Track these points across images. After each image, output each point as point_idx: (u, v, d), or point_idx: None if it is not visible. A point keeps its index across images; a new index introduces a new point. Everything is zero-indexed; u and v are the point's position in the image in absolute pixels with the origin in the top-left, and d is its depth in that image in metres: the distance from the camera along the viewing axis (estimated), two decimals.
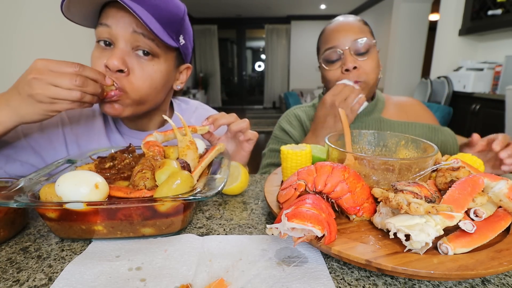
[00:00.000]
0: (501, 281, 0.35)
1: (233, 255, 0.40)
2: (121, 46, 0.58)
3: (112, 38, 0.58)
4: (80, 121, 0.72)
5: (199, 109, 0.89)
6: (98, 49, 0.60)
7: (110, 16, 0.57)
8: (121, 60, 0.57)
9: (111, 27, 0.57)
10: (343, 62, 0.82)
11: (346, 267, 0.38)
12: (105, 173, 0.49)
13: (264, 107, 8.67)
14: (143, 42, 0.58)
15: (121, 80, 0.59)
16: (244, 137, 0.66)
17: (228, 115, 0.65)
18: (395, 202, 0.37)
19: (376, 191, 0.41)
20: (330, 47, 0.83)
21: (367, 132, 0.62)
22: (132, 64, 0.59)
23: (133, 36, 0.58)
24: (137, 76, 0.60)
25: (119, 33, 0.58)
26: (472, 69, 2.80)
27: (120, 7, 0.57)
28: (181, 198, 0.39)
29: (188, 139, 0.55)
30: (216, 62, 8.16)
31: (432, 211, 0.35)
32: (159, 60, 0.62)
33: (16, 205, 0.39)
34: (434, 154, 0.47)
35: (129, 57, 0.59)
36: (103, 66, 0.58)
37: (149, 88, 0.62)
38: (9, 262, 0.39)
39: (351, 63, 0.80)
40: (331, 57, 0.83)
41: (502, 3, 2.51)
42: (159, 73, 0.63)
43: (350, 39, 0.81)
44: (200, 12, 7.00)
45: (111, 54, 0.58)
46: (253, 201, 0.58)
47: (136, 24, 0.57)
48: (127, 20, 0.57)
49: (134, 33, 0.58)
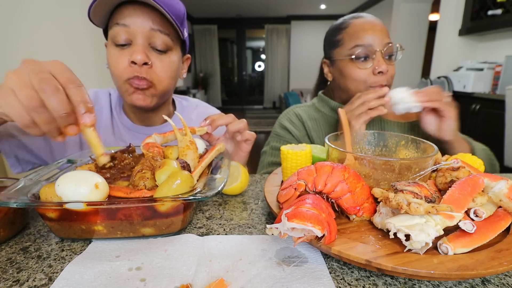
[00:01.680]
0: (501, 281, 0.35)
1: (233, 255, 0.40)
2: (140, 42, 0.63)
3: (131, 36, 0.63)
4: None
5: (199, 106, 0.91)
6: (116, 48, 0.64)
7: (126, 15, 0.61)
8: (144, 54, 0.62)
9: (129, 26, 0.61)
10: (376, 63, 0.80)
11: (346, 267, 0.38)
12: (105, 173, 0.49)
13: (264, 107, 8.67)
14: (159, 37, 0.64)
15: (148, 73, 0.64)
16: (242, 137, 0.66)
17: (226, 116, 0.66)
18: (395, 202, 0.37)
19: (376, 191, 0.41)
20: (363, 45, 0.80)
21: (367, 132, 0.62)
22: (152, 58, 0.64)
23: (151, 32, 0.63)
24: (159, 68, 0.66)
25: (137, 31, 0.62)
26: (472, 69, 2.80)
27: (135, 6, 0.61)
28: (181, 198, 0.39)
29: (188, 139, 0.55)
30: (216, 62, 8.15)
31: (432, 211, 0.35)
32: (172, 53, 0.68)
33: (16, 205, 0.39)
34: (434, 154, 0.47)
35: (148, 51, 0.64)
36: (127, 63, 0.63)
37: (169, 78, 0.69)
38: (9, 262, 0.39)
39: (384, 66, 0.79)
40: (362, 54, 0.80)
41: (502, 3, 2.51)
42: (174, 64, 0.69)
43: (383, 41, 0.80)
44: (200, 12, 7.00)
45: (134, 50, 0.62)
46: (253, 201, 0.58)
47: (153, 21, 0.62)
48: (145, 18, 0.61)
49: (151, 30, 0.63)
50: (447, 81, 2.91)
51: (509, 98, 2.09)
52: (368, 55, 0.80)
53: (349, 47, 0.82)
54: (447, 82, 2.90)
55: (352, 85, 0.84)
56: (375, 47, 0.79)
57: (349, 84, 0.85)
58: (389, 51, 0.81)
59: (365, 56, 0.80)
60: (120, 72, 0.64)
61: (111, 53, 0.65)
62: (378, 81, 0.81)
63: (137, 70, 0.63)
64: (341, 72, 0.86)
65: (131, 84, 0.65)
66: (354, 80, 0.83)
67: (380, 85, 0.80)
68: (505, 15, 2.49)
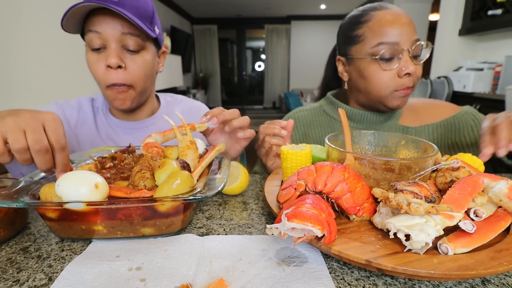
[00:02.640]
0: (501, 281, 0.35)
1: (233, 255, 0.40)
2: (113, 47, 0.67)
3: (104, 41, 0.66)
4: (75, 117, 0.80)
5: (184, 101, 0.94)
6: (93, 53, 0.68)
7: (97, 23, 0.65)
8: (118, 57, 0.66)
9: (101, 33, 0.65)
10: (402, 64, 0.69)
11: (346, 267, 0.38)
12: (105, 173, 0.49)
13: (264, 107, 8.66)
14: (130, 39, 0.67)
15: (124, 75, 0.68)
16: (244, 134, 0.66)
17: (232, 111, 0.66)
18: (395, 202, 0.37)
19: (376, 191, 0.41)
20: (388, 42, 0.68)
21: (367, 132, 0.62)
22: (126, 60, 0.69)
23: (122, 36, 0.67)
24: (133, 69, 0.69)
25: (109, 36, 0.66)
26: (472, 69, 2.80)
27: (105, 13, 0.65)
28: (181, 198, 0.39)
29: (188, 139, 0.55)
30: (216, 62, 8.15)
31: (432, 211, 0.35)
32: (144, 52, 0.71)
33: (16, 205, 0.39)
34: (434, 154, 0.47)
35: (122, 54, 0.68)
36: (104, 67, 0.67)
37: (145, 76, 0.72)
38: (9, 262, 0.39)
39: (413, 67, 0.68)
40: (387, 54, 0.69)
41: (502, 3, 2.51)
42: (148, 62, 0.72)
43: (411, 39, 0.68)
44: (200, 12, 7.00)
45: (108, 54, 0.66)
46: (253, 201, 0.58)
47: (122, 25, 0.66)
48: (115, 24, 0.65)
49: (122, 34, 0.66)
50: (447, 81, 2.91)
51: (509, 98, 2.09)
52: (394, 55, 0.69)
53: (371, 44, 0.71)
54: (447, 82, 2.90)
55: (374, 89, 0.74)
56: (402, 45, 0.68)
57: (370, 87, 0.74)
58: (417, 49, 0.70)
59: (391, 56, 0.70)
60: (100, 77, 0.69)
61: (89, 58, 0.69)
62: (405, 84, 0.71)
63: (114, 75, 0.68)
64: (360, 73, 0.75)
65: (112, 91, 0.70)
66: (376, 83, 0.73)
67: (406, 88, 0.71)
68: (505, 15, 2.49)
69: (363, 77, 0.75)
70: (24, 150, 0.43)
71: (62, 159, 0.46)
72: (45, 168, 0.45)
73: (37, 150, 0.43)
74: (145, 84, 0.74)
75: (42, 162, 0.44)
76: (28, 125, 0.43)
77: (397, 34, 0.68)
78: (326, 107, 0.90)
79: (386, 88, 0.72)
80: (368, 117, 0.82)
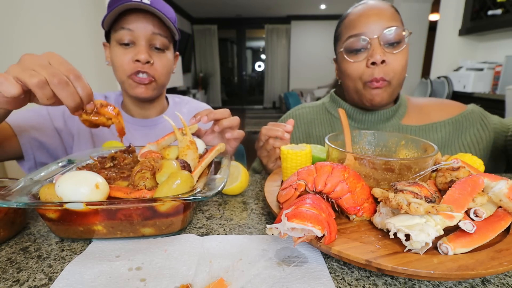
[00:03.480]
0: (501, 281, 0.35)
1: (233, 255, 0.40)
2: (143, 44, 0.73)
3: (134, 38, 0.72)
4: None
5: (190, 102, 0.99)
6: (121, 48, 0.73)
7: (131, 21, 0.71)
8: (147, 54, 0.73)
9: (133, 30, 0.71)
10: (369, 53, 0.69)
11: (346, 267, 0.38)
12: (105, 173, 0.49)
13: (264, 107, 8.67)
14: (159, 39, 0.74)
15: (150, 69, 0.75)
16: (232, 135, 0.67)
17: (222, 110, 0.67)
18: (395, 202, 0.37)
19: (376, 191, 0.41)
20: (355, 34, 0.70)
21: (367, 132, 0.62)
22: (153, 57, 0.75)
23: (152, 36, 0.73)
24: (159, 66, 0.76)
25: (140, 35, 0.72)
26: (472, 69, 2.79)
27: (139, 13, 0.71)
28: (181, 198, 0.39)
29: (188, 139, 0.55)
30: (216, 62, 8.15)
31: (432, 211, 0.35)
32: (167, 51, 0.79)
33: (16, 205, 0.39)
34: (434, 154, 0.47)
35: (150, 51, 0.75)
36: (131, 60, 0.73)
37: (167, 73, 0.80)
38: (9, 262, 0.39)
39: (379, 55, 0.67)
40: (354, 45, 0.70)
41: (502, 3, 2.51)
42: (170, 61, 0.80)
43: (380, 27, 0.67)
44: (200, 12, 7.00)
45: (138, 50, 0.72)
46: (253, 201, 0.58)
47: (154, 26, 0.73)
48: (147, 24, 0.72)
49: (153, 34, 0.73)
50: (447, 81, 2.91)
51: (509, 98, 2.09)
52: (364, 46, 0.69)
53: (344, 39, 0.72)
54: (447, 82, 2.90)
55: (350, 83, 0.75)
56: (369, 34, 0.68)
57: (347, 82, 0.76)
58: (392, 37, 0.67)
59: (361, 48, 0.70)
60: (124, 67, 0.73)
61: (116, 51, 0.74)
62: (373, 74, 0.69)
63: (140, 67, 0.73)
64: (340, 69, 0.77)
65: (133, 79, 0.75)
66: (348, 76, 0.74)
67: (374, 79, 0.69)
68: (505, 15, 2.49)
69: (341, 73, 0.78)
70: (43, 83, 0.41)
71: (83, 88, 0.44)
72: (73, 102, 0.44)
73: (58, 83, 0.41)
74: (165, 80, 0.81)
75: (67, 95, 0.43)
76: (36, 63, 0.42)
77: (363, 25, 0.69)
78: (328, 105, 0.90)
79: (356, 80, 0.72)
80: (369, 117, 0.81)
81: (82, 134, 0.80)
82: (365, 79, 0.71)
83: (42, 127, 0.74)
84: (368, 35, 0.69)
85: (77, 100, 0.44)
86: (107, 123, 0.51)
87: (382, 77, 0.69)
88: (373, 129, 0.79)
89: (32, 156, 0.72)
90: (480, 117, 0.78)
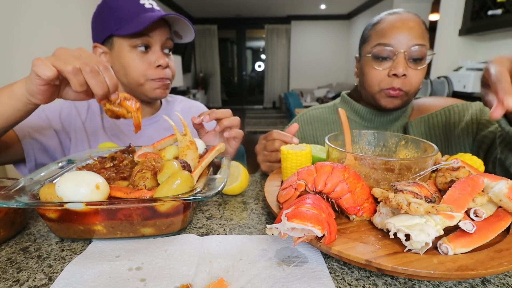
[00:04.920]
0: (501, 281, 0.35)
1: (233, 255, 0.40)
2: (158, 49, 0.77)
3: (150, 44, 0.76)
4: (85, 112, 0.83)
5: (183, 101, 1.00)
6: (137, 52, 0.76)
7: (151, 28, 0.74)
8: (165, 59, 0.77)
9: (151, 37, 0.75)
10: (393, 65, 0.73)
11: (346, 267, 0.38)
12: (105, 173, 0.49)
13: (264, 107, 8.67)
14: (170, 44, 0.80)
15: (169, 72, 0.80)
16: (230, 134, 0.69)
17: (224, 110, 0.69)
18: (395, 202, 0.37)
19: (376, 191, 0.41)
20: (384, 43, 0.73)
21: (367, 132, 0.62)
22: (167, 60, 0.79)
23: (166, 41, 0.78)
24: (172, 67, 0.82)
25: (157, 40, 0.76)
26: (472, 69, 2.79)
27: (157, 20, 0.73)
28: (181, 198, 0.39)
29: (188, 139, 0.55)
30: (216, 62, 8.15)
31: (432, 211, 0.35)
32: (172, 54, 0.84)
33: (16, 205, 0.39)
34: (434, 154, 0.47)
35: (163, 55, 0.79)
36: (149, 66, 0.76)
37: (175, 74, 0.84)
38: (9, 262, 0.39)
39: (402, 69, 0.71)
40: (381, 54, 0.74)
41: (502, 3, 2.51)
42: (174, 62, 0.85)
43: (409, 42, 0.71)
44: (200, 12, 7.00)
45: (158, 56, 0.77)
46: (253, 201, 0.58)
47: (168, 32, 0.78)
48: (164, 31, 0.77)
49: (167, 39, 0.78)
50: (447, 81, 2.91)
51: None
52: (389, 56, 0.73)
53: (372, 44, 0.76)
54: (447, 82, 2.90)
55: (367, 84, 0.79)
56: (398, 47, 0.72)
57: (365, 83, 0.80)
58: (417, 53, 0.72)
59: (386, 57, 0.74)
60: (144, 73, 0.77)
61: (130, 56, 0.76)
62: (391, 83, 0.73)
63: (163, 73, 0.78)
64: (362, 70, 0.81)
65: (156, 82, 0.79)
66: (368, 80, 0.78)
67: (392, 88, 0.73)
68: (505, 15, 2.49)
69: (363, 74, 0.80)
70: (78, 70, 0.44)
71: (111, 78, 0.47)
72: (102, 90, 0.47)
73: (90, 71, 0.45)
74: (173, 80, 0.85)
75: (97, 83, 0.46)
76: (69, 54, 0.45)
77: (395, 36, 0.73)
78: (340, 106, 0.92)
79: (375, 85, 0.77)
80: (379, 117, 0.84)
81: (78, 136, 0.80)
82: (382, 86, 0.75)
83: (43, 129, 0.74)
84: (396, 47, 0.72)
85: (105, 89, 0.47)
86: (127, 115, 0.53)
87: (400, 88, 0.73)
88: (382, 129, 0.83)
89: (33, 158, 0.72)
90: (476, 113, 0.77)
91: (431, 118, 0.80)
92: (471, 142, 0.74)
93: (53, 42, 1.75)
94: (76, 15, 1.87)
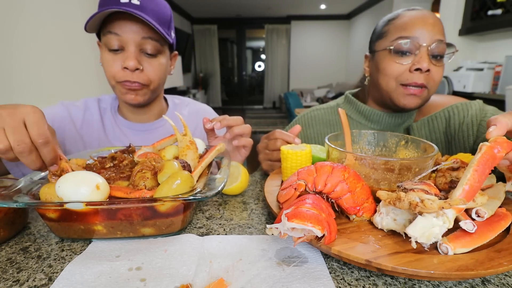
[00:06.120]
0: (501, 281, 0.35)
1: (233, 255, 0.40)
2: (132, 50, 0.68)
3: (123, 44, 0.68)
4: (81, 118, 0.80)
5: (191, 104, 0.95)
6: (110, 53, 0.69)
7: (118, 25, 0.66)
8: (136, 60, 0.68)
9: (121, 35, 0.67)
10: (416, 59, 0.69)
11: (346, 267, 0.38)
12: (105, 173, 0.49)
13: (264, 107, 8.66)
14: (149, 44, 0.69)
15: (140, 76, 0.70)
16: (239, 142, 0.66)
17: (235, 118, 0.66)
18: (407, 201, 0.36)
19: (382, 193, 0.40)
20: (406, 36, 0.70)
21: (367, 132, 0.62)
22: (143, 62, 0.71)
23: (142, 40, 0.69)
24: (150, 71, 0.72)
25: (129, 40, 0.67)
26: (472, 69, 2.79)
27: (126, 16, 0.66)
28: (181, 198, 0.39)
29: (188, 139, 0.55)
30: (216, 62, 8.15)
31: (446, 205, 0.34)
32: (160, 56, 0.73)
33: (16, 205, 0.39)
34: (434, 154, 0.47)
35: (140, 57, 0.70)
36: (120, 67, 0.69)
37: (159, 79, 0.75)
38: (9, 262, 0.39)
39: (426, 63, 0.68)
40: (403, 47, 0.70)
41: (502, 3, 2.51)
42: (163, 65, 0.75)
43: (433, 36, 0.69)
44: (200, 12, 7.00)
45: (126, 57, 0.68)
46: (253, 201, 0.58)
47: (143, 30, 0.68)
48: (136, 29, 0.67)
49: (142, 38, 0.68)
50: (447, 81, 2.91)
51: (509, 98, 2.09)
52: (411, 50, 0.70)
53: (392, 38, 0.72)
54: (447, 82, 2.90)
55: (383, 81, 0.75)
56: (420, 41, 0.69)
57: (380, 80, 0.75)
58: (439, 50, 0.69)
59: (407, 51, 0.70)
60: (113, 75, 0.70)
61: (105, 57, 0.70)
62: (413, 78, 0.70)
63: (129, 75, 0.69)
64: (377, 66, 0.77)
65: (123, 86, 0.71)
66: (386, 75, 0.74)
67: (414, 83, 0.70)
68: (505, 15, 2.49)
69: (378, 70, 0.76)
70: (6, 150, 0.41)
71: (48, 153, 0.44)
72: (34, 167, 0.44)
73: (21, 152, 0.41)
74: (159, 84, 0.77)
75: (29, 162, 0.43)
76: (7, 124, 0.41)
77: (417, 30, 0.69)
78: (343, 106, 0.90)
79: (393, 80, 0.73)
80: (386, 119, 0.82)
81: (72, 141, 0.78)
82: (402, 81, 0.72)
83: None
84: (419, 41, 0.69)
85: (38, 166, 0.44)
86: None
87: (423, 83, 0.70)
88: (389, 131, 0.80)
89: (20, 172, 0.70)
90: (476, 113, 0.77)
91: (431, 121, 0.79)
92: (472, 144, 0.74)
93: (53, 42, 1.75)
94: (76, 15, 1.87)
